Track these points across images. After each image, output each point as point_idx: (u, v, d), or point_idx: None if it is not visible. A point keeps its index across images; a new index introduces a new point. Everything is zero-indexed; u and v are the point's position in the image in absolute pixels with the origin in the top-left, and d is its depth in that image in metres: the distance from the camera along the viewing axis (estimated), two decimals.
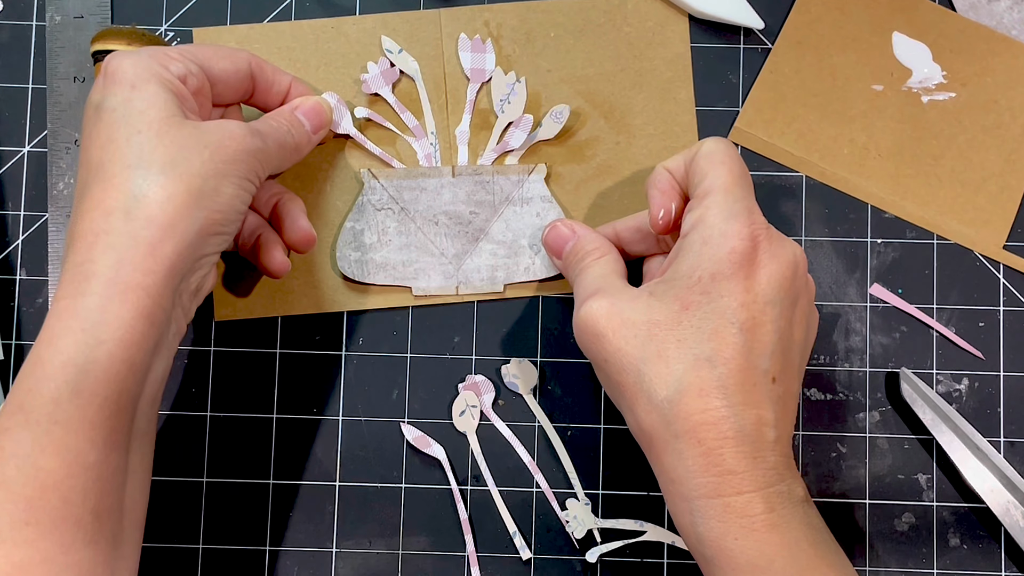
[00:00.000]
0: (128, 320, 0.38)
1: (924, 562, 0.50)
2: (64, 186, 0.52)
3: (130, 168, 0.39)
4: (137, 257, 0.38)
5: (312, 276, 0.52)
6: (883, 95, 0.53)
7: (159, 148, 0.40)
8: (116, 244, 0.38)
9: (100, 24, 0.53)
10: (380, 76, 0.52)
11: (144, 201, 0.39)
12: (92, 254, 0.38)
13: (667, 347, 0.40)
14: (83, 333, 0.37)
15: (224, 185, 0.41)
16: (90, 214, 0.39)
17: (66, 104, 0.52)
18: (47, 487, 0.36)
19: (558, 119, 0.52)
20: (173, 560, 0.51)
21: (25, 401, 0.37)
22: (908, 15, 0.53)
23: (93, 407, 0.37)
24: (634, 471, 0.51)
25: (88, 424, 0.37)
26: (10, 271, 0.52)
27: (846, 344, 0.52)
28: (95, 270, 0.38)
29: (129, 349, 0.38)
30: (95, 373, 0.37)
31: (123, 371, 0.38)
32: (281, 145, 0.46)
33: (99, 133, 0.41)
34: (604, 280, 0.44)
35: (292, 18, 0.53)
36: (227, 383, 0.52)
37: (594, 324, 0.42)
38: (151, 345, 0.39)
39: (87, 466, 0.37)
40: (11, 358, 0.51)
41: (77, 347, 0.37)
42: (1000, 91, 0.53)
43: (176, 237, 0.39)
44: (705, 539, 0.39)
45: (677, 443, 0.39)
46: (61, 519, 0.37)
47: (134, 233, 0.38)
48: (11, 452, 0.37)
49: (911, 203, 0.52)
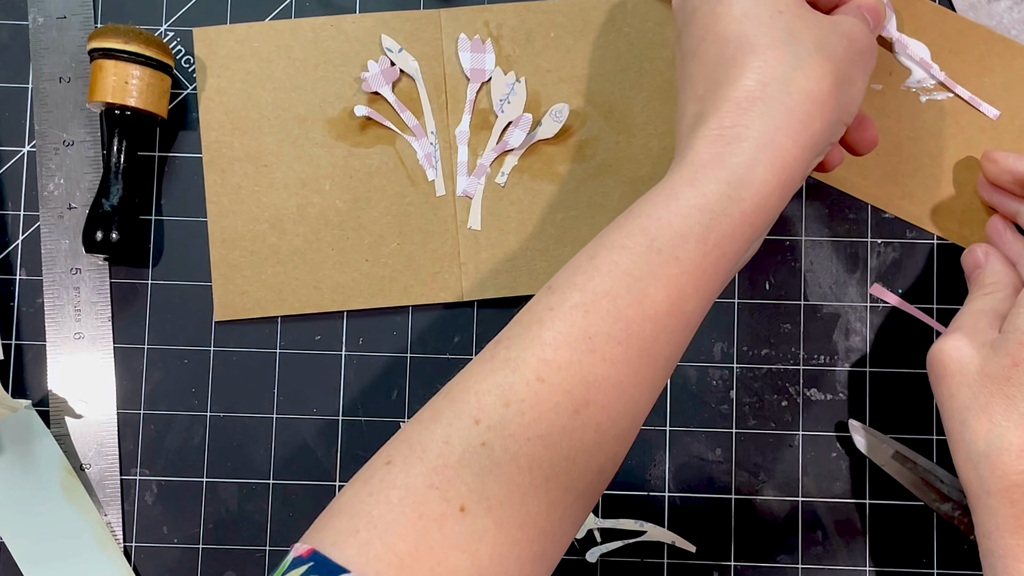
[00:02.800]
0: (770, 186, 0.37)
1: (925, 562, 0.51)
2: (54, 187, 0.52)
3: (783, 43, 0.39)
4: (793, 127, 0.38)
5: (312, 276, 0.52)
6: (882, 94, 0.53)
7: (806, 29, 0.39)
8: (773, 112, 0.38)
9: (83, 24, 0.53)
10: (380, 75, 0.52)
11: (801, 75, 0.38)
12: (746, 119, 0.38)
13: (994, 402, 0.40)
14: (727, 186, 0.37)
15: (858, 76, 0.41)
16: (740, 82, 0.38)
17: (52, 105, 0.52)
18: (646, 317, 0.36)
19: (558, 118, 0.52)
20: (173, 560, 0.51)
21: (650, 227, 0.37)
22: (907, 15, 0.53)
23: (711, 258, 0.37)
24: (634, 471, 0.51)
25: (701, 272, 0.37)
26: (9, 271, 0.52)
27: (846, 344, 0.52)
28: (748, 134, 0.37)
29: (760, 214, 0.38)
30: (726, 226, 0.37)
31: (747, 233, 0.38)
32: None
33: (733, 8, 0.40)
34: (973, 319, 0.44)
35: (292, 17, 0.53)
36: (227, 383, 0.52)
37: (941, 365, 0.43)
38: (774, 216, 0.39)
39: (684, 311, 0.37)
40: (11, 358, 0.51)
41: (718, 196, 0.37)
42: (998, 92, 0.53)
43: (825, 115, 0.39)
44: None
45: (989, 499, 0.40)
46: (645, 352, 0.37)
47: (791, 105, 0.38)
48: (626, 270, 0.36)
49: (911, 203, 0.52)
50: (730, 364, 0.52)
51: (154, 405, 0.52)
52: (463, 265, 0.52)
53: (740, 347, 0.52)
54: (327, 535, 0.34)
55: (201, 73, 0.53)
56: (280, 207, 0.52)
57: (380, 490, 0.35)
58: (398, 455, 0.36)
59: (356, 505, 0.35)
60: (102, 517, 0.51)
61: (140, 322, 0.52)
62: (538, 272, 0.52)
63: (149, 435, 0.51)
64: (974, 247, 0.49)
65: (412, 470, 0.35)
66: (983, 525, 0.40)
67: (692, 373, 0.52)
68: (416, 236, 0.52)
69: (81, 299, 0.52)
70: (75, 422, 0.51)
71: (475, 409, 0.35)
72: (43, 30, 0.53)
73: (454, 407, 0.36)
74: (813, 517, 0.51)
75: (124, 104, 0.49)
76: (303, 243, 0.52)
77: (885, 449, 0.50)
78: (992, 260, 0.48)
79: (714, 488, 0.51)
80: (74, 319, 0.52)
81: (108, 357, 0.52)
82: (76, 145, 0.52)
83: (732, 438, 0.51)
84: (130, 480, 0.51)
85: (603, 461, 0.37)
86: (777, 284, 0.52)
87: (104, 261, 0.52)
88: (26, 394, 0.52)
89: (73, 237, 0.52)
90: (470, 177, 0.52)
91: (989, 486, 0.40)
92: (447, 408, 0.36)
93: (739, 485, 0.51)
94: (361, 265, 0.52)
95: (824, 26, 0.40)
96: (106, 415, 0.51)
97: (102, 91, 0.49)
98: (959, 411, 0.42)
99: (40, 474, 0.50)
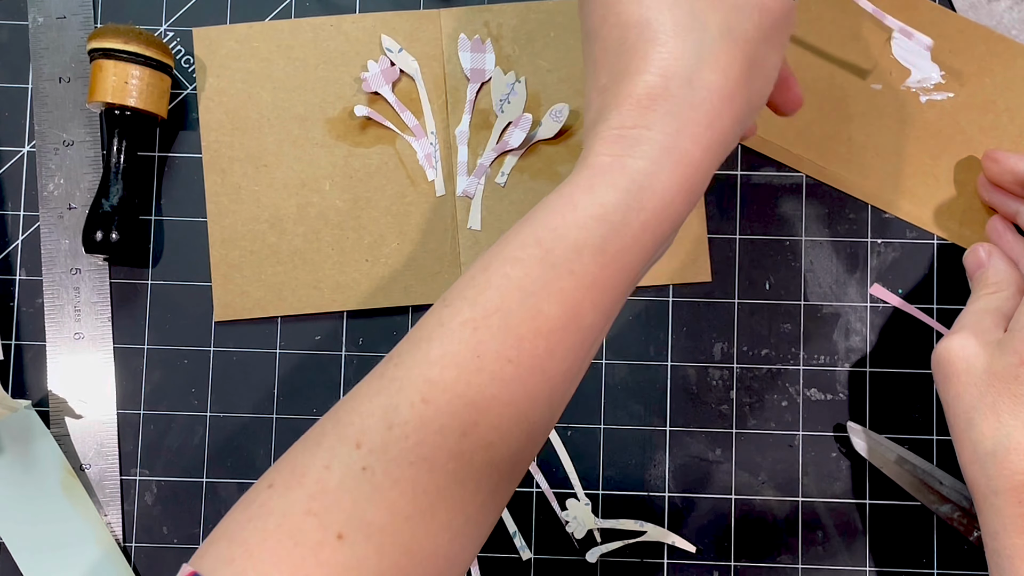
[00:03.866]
0: (672, 193, 0.35)
1: (925, 562, 0.51)
2: (54, 187, 0.52)
3: (686, 31, 0.35)
4: (697, 128, 0.35)
5: (312, 276, 0.52)
6: (881, 94, 0.53)
7: (712, 10, 0.36)
8: (676, 112, 0.35)
9: (83, 24, 0.53)
10: (380, 75, 0.52)
11: (706, 68, 0.35)
12: (647, 119, 0.35)
13: (1001, 401, 0.40)
14: (626, 194, 0.35)
15: (770, 54, 0.37)
16: (641, 76, 0.35)
17: (52, 105, 0.52)
18: (540, 333, 0.34)
19: (557, 118, 0.52)
20: (173, 559, 0.51)
21: (545, 238, 0.35)
22: (907, 15, 0.53)
23: (609, 270, 0.35)
24: (634, 471, 0.51)
25: (599, 285, 0.35)
26: (9, 271, 0.52)
27: (846, 344, 0.52)
28: (649, 136, 0.35)
29: (663, 223, 0.35)
30: (625, 238, 0.35)
31: (648, 243, 0.35)
32: None
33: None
34: (978, 318, 0.44)
35: (292, 17, 0.53)
36: (227, 383, 0.52)
37: (947, 364, 0.42)
38: (680, 221, 0.36)
39: (581, 327, 0.35)
40: (11, 358, 0.51)
41: (617, 206, 0.34)
42: (998, 91, 0.53)
43: (733, 109, 0.36)
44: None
45: (996, 499, 0.40)
46: (538, 369, 0.35)
47: (695, 102, 0.35)
48: (518, 284, 0.34)
49: (911, 203, 0.52)
50: (730, 364, 0.52)
51: (154, 405, 0.52)
52: (463, 265, 0.52)
53: (740, 347, 0.52)
54: (207, 561, 0.34)
55: (201, 73, 0.53)
56: (280, 207, 0.52)
57: (258, 515, 0.34)
58: (280, 478, 0.35)
59: (235, 531, 0.34)
60: (102, 517, 0.51)
61: (140, 322, 0.52)
62: None
63: (149, 435, 0.51)
64: (976, 247, 0.49)
65: (291, 495, 0.34)
66: (989, 525, 0.40)
67: (692, 373, 0.52)
68: (416, 236, 0.52)
69: (81, 299, 0.52)
70: (75, 422, 0.51)
71: (358, 432, 0.34)
72: (43, 30, 0.53)
73: (337, 429, 0.35)
74: (813, 517, 0.51)
75: (124, 104, 0.49)
76: (303, 243, 0.52)
77: (884, 451, 0.50)
78: (995, 259, 0.48)
79: (714, 488, 0.51)
80: (74, 319, 0.52)
81: (108, 357, 0.52)
82: (76, 145, 0.52)
83: (732, 438, 0.51)
84: (130, 480, 0.51)
85: (497, 480, 0.36)
86: (777, 284, 0.52)
87: (104, 261, 0.52)
88: (26, 394, 0.52)
89: (73, 237, 0.52)
90: (470, 177, 0.52)
91: (996, 485, 0.40)
92: (331, 430, 0.35)
93: (739, 485, 0.51)
94: (361, 265, 0.52)
95: (732, 1, 0.36)
96: (106, 415, 0.51)
97: (102, 91, 0.49)
98: (965, 410, 0.41)
99: (40, 474, 0.50)
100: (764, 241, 0.52)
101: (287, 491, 0.34)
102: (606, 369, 0.51)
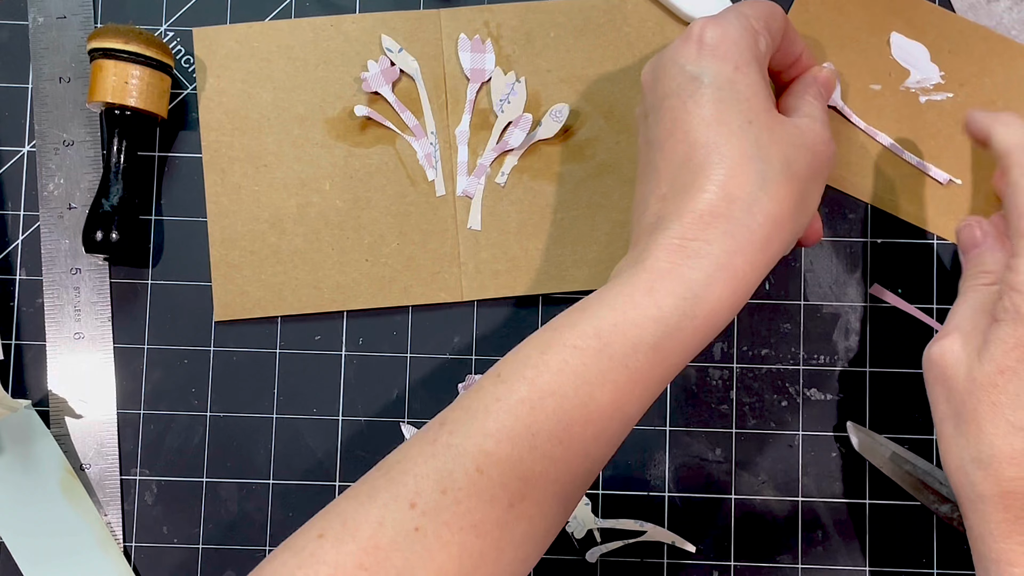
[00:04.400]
0: (722, 304, 0.38)
1: (925, 562, 0.51)
2: (54, 187, 0.52)
3: (751, 159, 0.39)
4: (752, 249, 0.38)
5: (312, 276, 0.52)
6: (881, 95, 0.53)
7: (774, 144, 0.40)
8: (734, 232, 0.38)
9: (83, 24, 0.53)
10: (380, 75, 0.52)
11: (766, 197, 0.39)
12: (707, 234, 0.38)
13: (981, 409, 0.40)
14: (684, 301, 0.38)
15: (815, 190, 0.42)
16: (704, 194, 0.39)
17: (52, 105, 0.52)
18: (590, 419, 0.37)
19: (557, 118, 0.52)
20: (173, 560, 0.51)
21: (604, 331, 0.37)
22: (907, 15, 0.53)
23: (659, 367, 0.38)
24: (634, 471, 0.51)
25: (648, 379, 0.38)
26: (9, 271, 0.52)
27: (846, 344, 0.52)
28: (708, 251, 0.38)
29: (710, 329, 0.39)
30: (677, 340, 0.38)
31: (695, 345, 0.39)
32: None
33: (705, 110, 0.40)
34: (972, 318, 0.43)
35: (292, 17, 0.53)
36: (227, 383, 0.52)
37: (936, 367, 0.42)
38: (722, 328, 0.39)
39: (624, 416, 0.38)
40: (11, 358, 0.51)
41: (674, 311, 0.37)
42: (998, 92, 0.53)
43: (782, 237, 0.40)
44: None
45: (983, 504, 0.40)
46: (585, 453, 0.38)
47: (753, 226, 0.38)
48: (576, 371, 0.37)
49: (911, 203, 0.52)
50: (730, 364, 0.52)
51: (154, 405, 0.52)
52: (463, 265, 0.52)
53: (740, 347, 0.52)
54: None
55: (201, 73, 0.53)
56: (280, 207, 0.52)
57: (309, 564, 0.35)
58: (331, 530, 0.36)
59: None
60: (102, 517, 0.51)
61: (140, 322, 0.52)
62: (538, 272, 0.52)
63: (149, 435, 0.51)
64: (971, 222, 0.47)
65: (344, 547, 0.35)
66: (975, 530, 0.40)
67: (692, 373, 0.52)
68: (416, 236, 0.52)
69: (81, 299, 0.52)
70: (75, 422, 0.51)
71: (412, 492, 0.36)
72: (43, 30, 0.53)
73: (391, 488, 0.36)
74: (813, 517, 0.51)
75: (124, 104, 0.49)
76: (303, 243, 0.52)
77: (883, 451, 0.50)
78: (993, 242, 0.46)
79: (714, 488, 0.51)
80: (74, 319, 0.52)
81: (108, 357, 0.52)
82: (76, 145, 0.52)
83: (732, 438, 0.51)
84: (130, 480, 0.51)
85: (530, 550, 0.38)
86: (777, 284, 0.52)
87: (104, 261, 0.52)
88: (26, 394, 0.52)
89: (73, 237, 0.52)
90: (470, 177, 0.52)
91: (981, 492, 0.40)
92: (384, 488, 0.36)
93: (739, 485, 0.51)
94: (361, 265, 0.52)
95: (790, 139, 0.40)
96: (106, 415, 0.51)
97: (102, 91, 0.49)
98: (951, 416, 0.41)
99: (40, 474, 0.50)
100: None
101: (339, 543, 0.35)
102: None
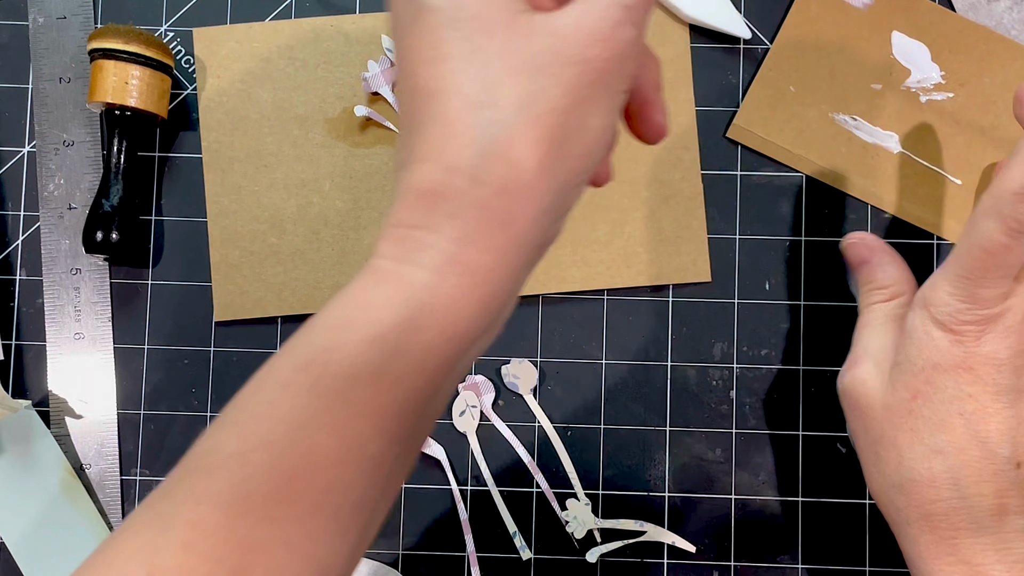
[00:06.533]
0: (459, 309, 0.30)
1: None
2: (55, 187, 0.52)
3: (475, 108, 0.29)
4: (486, 234, 0.29)
5: (312, 276, 0.52)
6: (881, 94, 0.53)
7: (512, 74, 0.29)
8: (462, 213, 0.29)
9: (83, 24, 0.53)
10: (380, 75, 0.52)
11: (497, 159, 0.29)
12: (431, 219, 0.30)
13: (900, 436, 0.40)
14: (405, 311, 0.29)
15: (591, 116, 0.30)
16: (427, 164, 0.30)
17: (52, 105, 0.52)
18: (316, 468, 0.29)
19: None
20: None
21: (317, 360, 0.30)
22: (907, 15, 0.53)
23: (390, 396, 0.30)
24: (634, 471, 0.51)
25: (382, 412, 0.30)
26: (9, 271, 0.52)
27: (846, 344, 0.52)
28: (432, 241, 0.29)
29: (451, 343, 0.30)
30: (406, 362, 0.30)
31: (435, 366, 0.30)
32: None
33: (423, 44, 0.30)
34: (879, 341, 0.42)
35: (292, 17, 0.53)
36: (227, 383, 0.52)
37: (850, 397, 0.42)
38: (476, 337, 0.31)
39: (364, 457, 0.30)
40: (11, 358, 0.51)
41: (394, 325, 0.29)
42: (998, 92, 0.53)
43: (534, 204, 0.29)
44: None
45: (909, 528, 0.40)
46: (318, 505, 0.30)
47: (484, 202, 0.29)
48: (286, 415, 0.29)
49: (911, 203, 0.52)
50: (730, 364, 0.52)
51: (154, 405, 0.52)
52: None
53: (740, 347, 0.52)
54: None
55: (201, 73, 0.53)
56: (280, 207, 0.52)
57: None
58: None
59: None
60: (102, 517, 0.51)
61: (140, 322, 0.52)
62: (537, 272, 0.52)
63: (149, 435, 0.51)
64: (854, 239, 0.45)
65: None
66: (908, 553, 0.41)
67: (692, 373, 0.52)
68: None
69: (81, 299, 0.52)
70: (75, 422, 0.51)
71: None
72: (43, 30, 0.53)
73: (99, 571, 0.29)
74: (813, 517, 0.51)
75: (124, 104, 0.49)
76: (303, 243, 0.52)
77: None
78: (884, 256, 0.45)
79: (714, 488, 0.51)
80: (74, 319, 0.52)
81: (108, 357, 0.52)
82: (76, 145, 0.52)
83: (732, 438, 0.51)
84: (130, 480, 0.51)
85: None
86: (777, 284, 0.52)
87: (104, 261, 0.52)
88: (26, 394, 0.52)
89: (73, 237, 0.52)
90: None
91: (906, 516, 0.40)
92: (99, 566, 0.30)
93: (739, 485, 0.51)
94: (361, 265, 0.52)
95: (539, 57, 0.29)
96: (106, 415, 0.51)
97: (102, 91, 0.49)
98: (872, 444, 0.41)
99: (40, 474, 0.50)
100: (764, 241, 0.52)
101: None
102: (606, 369, 0.51)
